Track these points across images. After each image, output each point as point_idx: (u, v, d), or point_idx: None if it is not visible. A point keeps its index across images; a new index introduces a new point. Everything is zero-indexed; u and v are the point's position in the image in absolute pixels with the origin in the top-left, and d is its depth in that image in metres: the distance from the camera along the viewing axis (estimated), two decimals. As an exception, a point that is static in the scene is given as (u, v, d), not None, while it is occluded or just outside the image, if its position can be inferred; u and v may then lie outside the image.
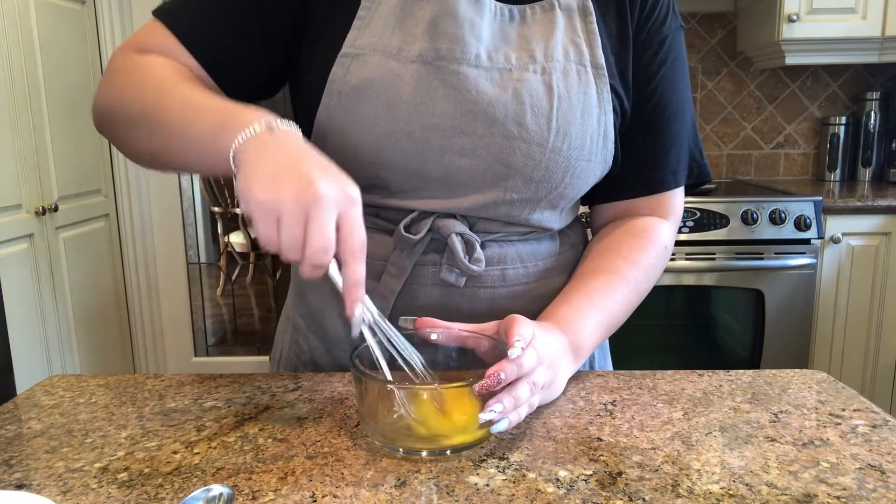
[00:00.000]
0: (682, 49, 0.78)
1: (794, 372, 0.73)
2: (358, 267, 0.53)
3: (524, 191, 0.72)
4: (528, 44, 0.70)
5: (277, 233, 0.52)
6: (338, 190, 0.52)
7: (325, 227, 0.51)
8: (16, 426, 0.63)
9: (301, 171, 0.52)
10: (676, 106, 0.77)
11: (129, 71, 0.69)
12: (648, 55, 0.75)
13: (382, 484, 0.52)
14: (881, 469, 0.53)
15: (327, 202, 0.51)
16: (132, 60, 0.70)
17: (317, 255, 0.52)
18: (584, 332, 0.70)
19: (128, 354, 2.90)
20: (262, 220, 0.52)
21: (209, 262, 4.62)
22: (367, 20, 0.69)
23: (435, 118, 0.67)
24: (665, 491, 0.50)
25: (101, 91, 0.71)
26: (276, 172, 0.52)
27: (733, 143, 2.79)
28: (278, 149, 0.54)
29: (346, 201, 0.53)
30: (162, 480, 0.53)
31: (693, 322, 2.42)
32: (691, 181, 0.81)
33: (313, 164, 0.53)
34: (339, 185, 0.53)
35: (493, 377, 0.54)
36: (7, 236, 2.11)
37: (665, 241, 0.79)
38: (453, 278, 0.73)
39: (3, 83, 2.10)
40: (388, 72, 0.67)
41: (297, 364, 0.83)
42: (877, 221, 2.17)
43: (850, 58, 2.38)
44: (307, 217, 0.51)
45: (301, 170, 0.52)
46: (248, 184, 0.53)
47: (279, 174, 0.52)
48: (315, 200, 0.51)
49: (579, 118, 0.70)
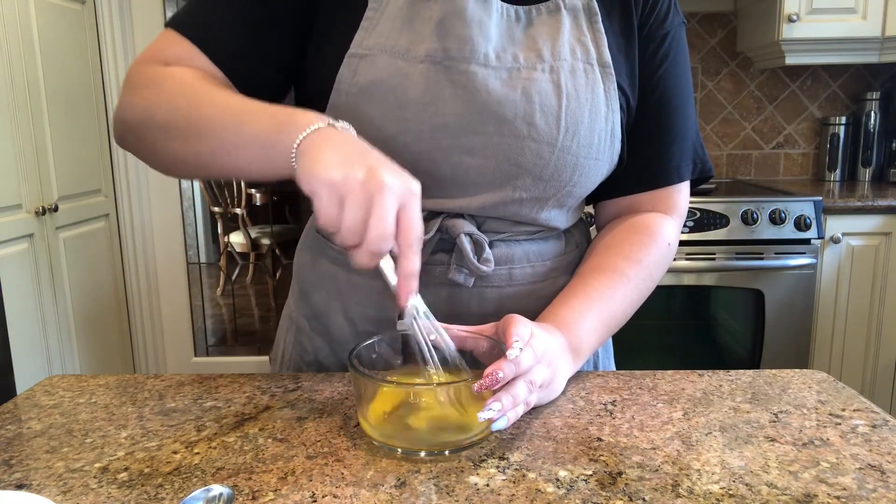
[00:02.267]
0: (683, 45, 0.78)
1: (794, 372, 0.73)
2: (415, 258, 0.55)
3: (533, 190, 0.72)
4: (535, 44, 0.70)
5: (339, 213, 0.53)
6: (401, 182, 0.54)
7: (388, 215, 0.52)
8: (16, 426, 0.63)
9: (368, 160, 0.54)
10: (679, 101, 0.77)
11: (154, 82, 0.69)
12: (651, 50, 0.76)
13: (382, 484, 0.52)
14: (881, 469, 0.53)
15: (392, 191, 0.52)
16: (155, 72, 0.69)
17: (376, 242, 0.52)
18: (583, 332, 0.70)
19: (128, 354, 2.90)
20: (327, 198, 0.53)
21: (209, 262, 4.62)
22: (375, 21, 0.69)
23: (444, 118, 0.67)
24: (665, 491, 0.50)
25: (125, 104, 0.70)
26: (343, 157, 0.54)
27: (733, 143, 2.79)
28: (344, 141, 0.56)
29: (408, 194, 0.54)
30: (162, 480, 0.53)
31: (693, 322, 2.42)
32: (695, 176, 0.81)
33: (378, 157, 0.55)
34: (402, 178, 0.54)
35: (491, 376, 0.55)
36: (7, 236, 2.11)
37: (668, 238, 0.78)
38: (462, 279, 0.73)
39: (3, 83, 2.10)
40: (397, 72, 0.67)
41: (301, 365, 0.83)
42: (877, 221, 2.17)
43: (850, 58, 2.38)
44: (371, 203, 0.52)
45: (367, 159, 0.54)
46: (315, 164, 0.54)
47: (347, 159, 0.54)
48: (380, 188, 0.52)
49: (587, 117, 0.70)
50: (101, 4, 2.64)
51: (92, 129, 2.63)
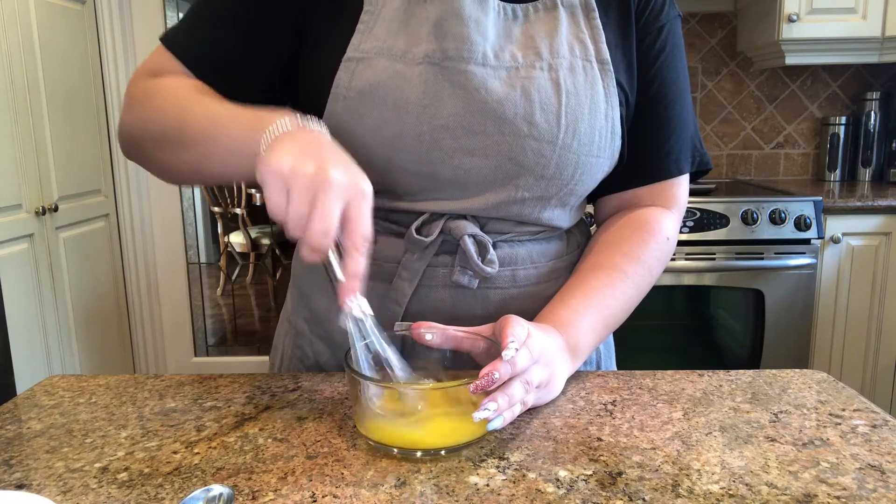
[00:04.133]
0: (679, 37, 0.78)
1: (794, 372, 0.73)
2: (359, 259, 0.54)
3: (535, 188, 0.72)
4: (532, 41, 0.70)
5: (285, 204, 0.53)
6: (349, 180, 0.54)
7: (329, 211, 0.52)
8: (16, 426, 0.63)
9: (319, 156, 0.54)
10: (676, 94, 0.77)
11: (147, 95, 0.71)
12: (647, 44, 0.76)
13: (382, 484, 0.52)
14: (881, 469, 0.53)
15: (336, 188, 0.53)
16: (148, 85, 0.72)
17: (316, 237, 0.53)
18: (581, 331, 0.69)
19: (128, 354, 2.90)
20: (273, 187, 0.54)
21: (209, 262, 4.63)
22: (371, 24, 0.69)
23: (444, 119, 0.67)
24: (665, 491, 0.50)
25: (125, 118, 0.73)
26: (296, 150, 0.55)
27: (733, 143, 2.79)
28: (304, 139, 0.57)
29: (356, 193, 0.54)
30: (162, 480, 0.53)
31: (693, 322, 2.42)
32: (694, 169, 0.81)
33: (332, 154, 0.56)
34: (352, 177, 0.54)
35: (487, 377, 0.54)
36: (7, 236, 2.11)
37: (668, 233, 0.78)
38: (466, 280, 0.73)
39: (3, 83, 2.10)
40: (395, 74, 0.67)
41: (301, 368, 0.83)
42: (877, 221, 2.17)
43: (850, 58, 2.38)
44: (315, 197, 0.52)
45: (319, 154, 0.54)
46: (268, 154, 0.55)
47: (299, 152, 0.54)
48: (324, 183, 0.52)
49: (587, 114, 0.70)
50: (101, 4, 2.64)
51: (92, 129, 2.63)
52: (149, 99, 0.71)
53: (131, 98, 0.73)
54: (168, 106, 0.68)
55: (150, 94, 0.71)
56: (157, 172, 0.74)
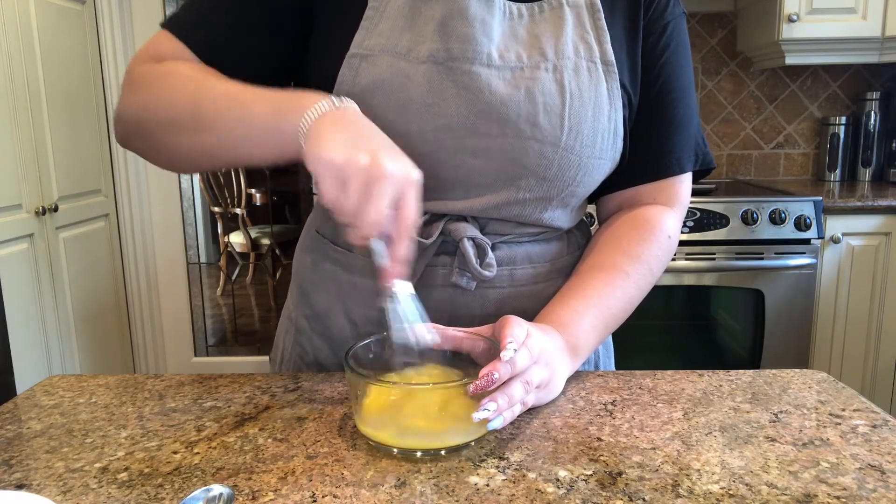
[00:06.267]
0: (684, 35, 0.78)
1: (794, 372, 0.73)
2: (408, 244, 0.57)
3: (537, 190, 0.71)
4: (538, 42, 0.70)
5: (341, 195, 0.55)
6: (402, 171, 0.55)
7: (383, 203, 0.54)
8: (16, 426, 0.63)
9: (372, 145, 0.56)
10: (679, 92, 0.77)
11: (153, 78, 0.69)
12: (651, 41, 0.75)
13: (382, 484, 0.52)
14: (881, 469, 0.53)
15: (391, 180, 0.54)
16: (153, 69, 0.70)
17: (368, 227, 0.55)
18: (581, 331, 0.69)
19: (128, 354, 2.90)
20: (330, 180, 0.55)
21: (209, 262, 4.62)
22: (376, 20, 0.69)
23: (447, 119, 0.67)
24: (665, 491, 0.50)
25: (125, 104, 0.71)
26: (349, 140, 0.56)
27: (733, 143, 2.79)
28: (349, 123, 0.58)
29: (408, 182, 0.56)
30: (162, 480, 0.53)
31: (693, 322, 2.42)
32: (696, 168, 0.80)
33: (382, 142, 0.57)
34: (404, 167, 0.56)
35: (486, 377, 0.55)
36: (7, 236, 2.11)
37: (669, 231, 0.78)
38: (464, 282, 0.73)
39: (3, 83, 2.10)
40: (399, 73, 0.67)
41: (301, 366, 0.83)
42: (877, 221, 2.17)
43: (850, 58, 2.38)
44: (370, 189, 0.54)
45: (372, 144, 0.56)
46: (321, 145, 0.56)
47: (352, 142, 0.55)
48: (380, 176, 0.54)
49: (591, 116, 0.70)
50: (101, 4, 2.64)
51: (92, 129, 2.63)
52: (154, 82, 0.69)
53: (132, 82, 0.71)
54: (180, 88, 0.67)
55: (155, 77, 0.69)
56: (163, 159, 0.72)
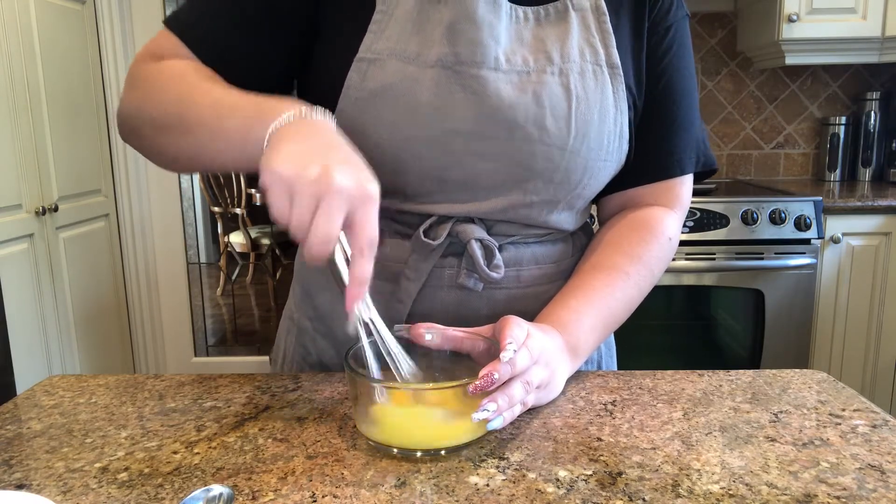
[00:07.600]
0: (687, 37, 0.78)
1: (794, 372, 0.73)
2: (365, 264, 0.53)
3: (543, 193, 0.72)
4: (543, 45, 0.70)
5: (288, 209, 0.52)
6: (355, 185, 0.52)
7: (331, 218, 0.51)
8: (16, 426, 0.63)
9: (324, 158, 0.52)
10: (681, 93, 0.77)
11: (149, 77, 0.69)
12: (654, 43, 0.75)
13: (382, 484, 0.52)
14: (881, 469, 0.53)
15: (340, 195, 0.51)
16: (151, 67, 0.70)
17: (317, 244, 0.51)
18: (582, 332, 0.69)
19: (128, 354, 2.90)
20: (276, 192, 0.52)
21: (209, 262, 4.63)
22: (384, 24, 0.68)
23: (455, 123, 0.67)
24: (665, 491, 0.50)
25: (125, 100, 0.71)
26: (300, 152, 0.53)
27: (733, 143, 2.79)
28: (310, 134, 0.55)
29: (362, 198, 0.52)
30: (162, 480, 0.53)
31: (693, 322, 2.42)
32: (698, 169, 0.80)
33: (338, 155, 0.54)
34: (358, 181, 0.52)
35: (486, 378, 0.54)
36: (7, 236, 2.11)
37: (669, 232, 0.78)
38: (472, 283, 0.73)
39: (3, 83, 2.10)
40: (407, 77, 0.67)
41: (304, 366, 0.83)
42: (877, 221, 2.17)
43: (850, 58, 2.38)
44: (318, 203, 0.51)
45: (325, 157, 0.52)
46: (271, 155, 0.53)
47: (303, 154, 0.52)
48: (328, 190, 0.51)
49: (597, 119, 0.70)
50: (101, 4, 2.63)
51: (92, 129, 2.63)
52: (150, 82, 0.69)
53: (132, 80, 0.71)
54: (170, 89, 0.67)
55: (152, 76, 0.69)
56: (155, 158, 0.72)
